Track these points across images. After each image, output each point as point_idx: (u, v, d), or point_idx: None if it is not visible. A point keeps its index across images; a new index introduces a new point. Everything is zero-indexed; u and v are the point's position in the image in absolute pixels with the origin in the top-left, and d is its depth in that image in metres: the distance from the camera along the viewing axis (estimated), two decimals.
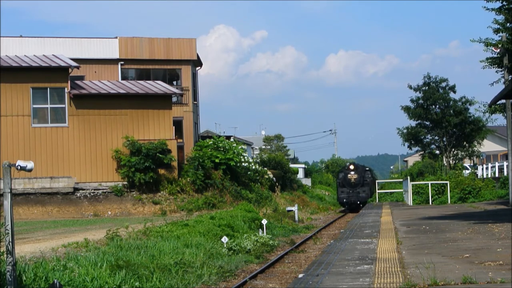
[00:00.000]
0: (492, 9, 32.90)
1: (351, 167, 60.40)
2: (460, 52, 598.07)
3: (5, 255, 11.69)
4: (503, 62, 33.94)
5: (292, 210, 44.01)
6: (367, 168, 63.30)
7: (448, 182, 44.86)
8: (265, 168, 59.92)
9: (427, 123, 63.50)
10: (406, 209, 37.54)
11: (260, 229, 30.24)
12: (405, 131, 63.91)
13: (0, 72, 40.81)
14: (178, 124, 48.98)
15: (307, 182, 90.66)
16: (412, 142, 64.72)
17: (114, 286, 14.32)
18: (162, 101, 44.02)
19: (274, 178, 59.05)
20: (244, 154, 53.54)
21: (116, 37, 51.13)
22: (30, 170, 12.12)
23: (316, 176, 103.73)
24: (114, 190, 42.15)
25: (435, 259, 12.22)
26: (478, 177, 52.79)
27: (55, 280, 12.73)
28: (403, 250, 14.19)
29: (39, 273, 13.71)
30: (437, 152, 66.04)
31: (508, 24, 33.31)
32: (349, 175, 59.26)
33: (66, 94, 42.06)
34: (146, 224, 25.58)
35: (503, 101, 33.42)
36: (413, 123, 63.94)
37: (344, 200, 58.98)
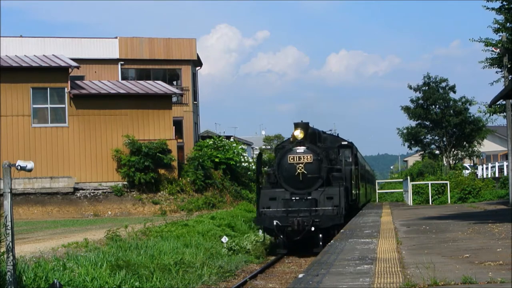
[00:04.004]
0: (492, 9, 32.89)
1: (298, 133, 23.90)
2: (461, 52, 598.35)
3: (5, 255, 11.69)
4: (503, 62, 33.94)
5: None
6: (345, 143, 28.16)
7: (448, 182, 44.81)
8: (266, 168, 59.91)
9: (427, 123, 63.44)
10: (406, 209, 37.52)
11: (260, 229, 30.24)
12: (405, 131, 63.83)
13: (0, 72, 40.82)
14: (178, 124, 48.99)
15: None
16: (412, 142, 64.63)
17: (114, 286, 14.32)
18: (162, 101, 44.04)
19: None
20: (244, 154, 53.55)
21: (116, 37, 51.14)
22: (30, 170, 12.12)
23: None
24: (114, 190, 42.16)
25: (435, 259, 12.22)
26: (478, 177, 52.74)
27: (55, 280, 12.73)
28: (403, 250, 14.19)
29: (39, 273, 13.72)
30: (437, 152, 65.98)
31: (508, 24, 33.29)
32: (291, 154, 23.76)
33: (66, 94, 42.06)
34: (146, 224, 25.60)
35: (503, 101, 33.41)
36: (413, 123, 63.90)
37: (275, 223, 22.80)
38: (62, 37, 50.86)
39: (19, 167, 11.94)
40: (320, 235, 22.40)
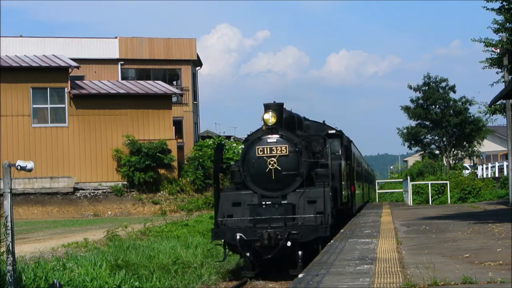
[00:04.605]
0: (492, 9, 32.85)
1: (269, 116, 17.74)
2: (461, 52, 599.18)
3: (5, 255, 11.69)
4: (502, 63, 33.92)
5: None
6: (333, 131, 21.81)
7: (448, 182, 44.79)
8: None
9: (427, 123, 63.48)
10: (406, 209, 37.51)
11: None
12: (405, 131, 63.86)
13: (0, 72, 40.83)
14: (178, 124, 49.01)
15: None
16: (412, 142, 64.68)
17: (114, 286, 14.32)
18: (162, 101, 44.07)
19: None
20: None
21: (116, 37, 51.16)
22: (30, 170, 12.12)
23: None
24: (114, 190, 42.20)
25: (435, 259, 12.22)
26: (478, 177, 52.76)
27: (55, 280, 12.73)
28: (403, 250, 14.19)
29: (38, 273, 13.72)
30: (437, 152, 66.02)
31: (508, 24, 33.25)
32: (260, 145, 17.80)
33: (66, 94, 42.08)
34: (146, 224, 25.63)
35: (503, 101, 33.40)
36: (413, 123, 63.95)
37: (238, 237, 16.76)
38: (62, 37, 50.90)
39: (19, 167, 11.94)
40: (299, 252, 16.70)
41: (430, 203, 43.57)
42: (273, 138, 17.71)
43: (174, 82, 52.44)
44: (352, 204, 26.45)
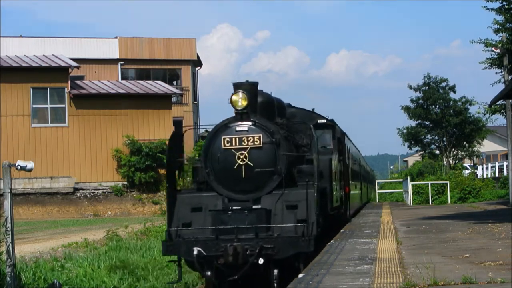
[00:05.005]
0: (492, 9, 32.85)
1: (239, 98, 13.57)
2: (461, 52, 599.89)
3: (4, 255, 11.70)
4: (502, 63, 33.93)
5: None
6: (323, 121, 18.29)
7: (448, 182, 44.80)
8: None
9: (427, 123, 63.49)
10: (406, 209, 37.52)
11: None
12: (405, 131, 63.87)
13: (0, 72, 40.82)
14: (178, 124, 49.01)
15: None
16: (412, 142, 64.69)
17: (112, 286, 14.33)
18: (162, 101, 44.07)
19: None
20: None
21: (116, 37, 51.19)
22: (30, 170, 12.13)
23: None
24: (114, 190, 42.21)
25: (435, 259, 12.21)
26: (478, 177, 52.79)
27: (55, 280, 12.76)
28: (403, 250, 14.19)
29: (38, 273, 13.74)
30: (437, 152, 66.02)
31: (508, 24, 33.25)
32: (226, 135, 13.66)
33: (66, 94, 42.08)
34: (145, 224, 25.64)
35: (503, 101, 33.40)
36: (413, 123, 63.96)
37: (195, 252, 12.51)
38: (62, 37, 50.94)
39: (19, 167, 11.95)
40: (275, 271, 12.83)
41: (430, 203, 43.57)
42: (243, 126, 13.76)
43: (174, 82, 52.45)
44: (347, 208, 22.44)
